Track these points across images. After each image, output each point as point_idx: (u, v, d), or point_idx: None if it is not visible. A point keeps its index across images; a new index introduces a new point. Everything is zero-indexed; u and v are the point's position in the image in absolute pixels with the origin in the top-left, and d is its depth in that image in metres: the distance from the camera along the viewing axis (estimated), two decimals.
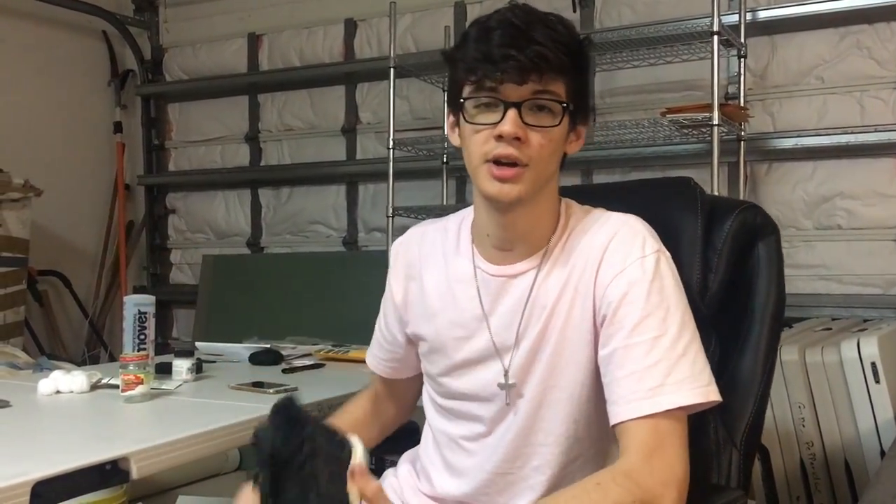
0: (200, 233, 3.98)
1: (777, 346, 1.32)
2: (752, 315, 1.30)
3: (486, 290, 1.15)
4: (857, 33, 2.62)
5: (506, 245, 1.13)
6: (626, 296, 1.04)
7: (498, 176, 1.05)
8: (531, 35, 1.02)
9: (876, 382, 2.00)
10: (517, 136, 1.03)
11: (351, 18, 3.51)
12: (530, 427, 1.12)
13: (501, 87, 1.03)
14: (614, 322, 1.05)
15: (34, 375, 1.86)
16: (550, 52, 1.02)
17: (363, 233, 3.52)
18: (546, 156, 1.06)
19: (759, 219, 1.35)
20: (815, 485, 2.11)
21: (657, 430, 0.98)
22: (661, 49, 2.59)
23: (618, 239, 1.08)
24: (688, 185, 1.39)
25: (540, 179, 1.07)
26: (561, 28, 1.05)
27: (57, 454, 1.13)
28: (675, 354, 1.01)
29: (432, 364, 1.22)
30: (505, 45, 1.02)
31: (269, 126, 3.76)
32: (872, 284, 2.59)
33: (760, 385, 1.27)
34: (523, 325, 1.12)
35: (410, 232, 1.29)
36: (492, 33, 1.04)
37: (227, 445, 1.34)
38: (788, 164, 2.72)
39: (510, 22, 1.04)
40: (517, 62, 1.01)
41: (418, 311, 1.23)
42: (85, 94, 3.90)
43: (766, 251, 1.33)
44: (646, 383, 1.00)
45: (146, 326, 1.53)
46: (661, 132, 2.57)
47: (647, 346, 1.02)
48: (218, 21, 3.87)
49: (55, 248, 3.68)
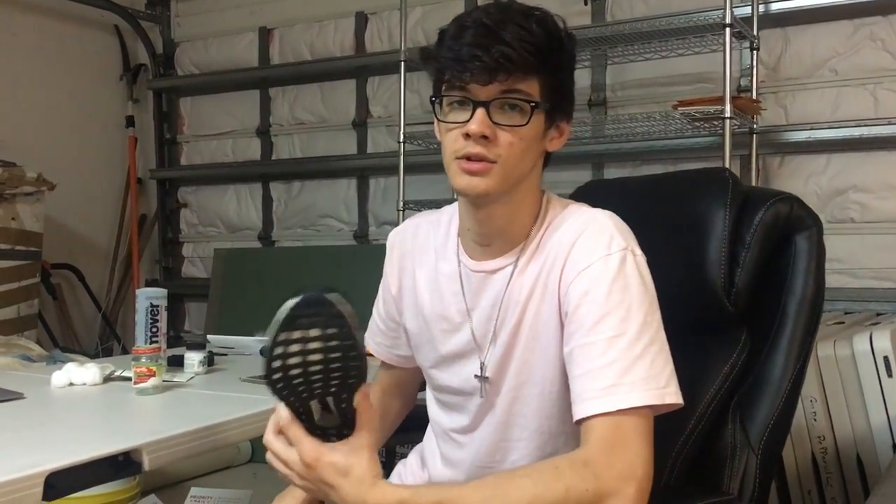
0: (212, 226, 3.99)
1: (812, 346, 1.26)
2: (784, 312, 1.25)
3: (469, 286, 1.17)
4: (870, 25, 2.60)
5: (484, 240, 1.15)
6: (587, 293, 1.04)
7: (466, 169, 1.06)
8: (500, 35, 1.02)
9: (888, 376, 1.99)
10: (484, 135, 1.04)
11: (362, 12, 3.51)
12: (507, 422, 1.14)
13: (469, 86, 1.04)
14: (574, 320, 1.04)
15: (47, 368, 1.88)
16: (515, 53, 1.02)
17: (374, 226, 3.52)
18: (517, 154, 1.06)
19: (796, 210, 1.29)
20: (827, 479, 2.10)
21: (618, 427, 0.98)
22: (673, 42, 2.57)
23: (585, 235, 1.08)
24: (720, 175, 1.35)
25: (510, 177, 1.07)
26: (535, 27, 1.04)
27: (70, 445, 1.13)
28: (633, 355, 1.00)
29: (422, 356, 1.25)
30: (473, 45, 1.03)
31: (281, 120, 3.77)
32: (886, 278, 2.57)
33: (789, 386, 1.22)
34: (499, 320, 1.13)
35: (406, 223, 1.31)
36: (465, 32, 1.04)
37: (238, 438, 1.35)
38: (801, 157, 2.70)
39: (481, 21, 1.04)
40: (482, 63, 1.02)
41: (409, 304, 1.25)
42: (97, 89, 3.92)
43: (806, 244, 1.27)
44: (599, 382, 0.99)
45: (158, 319, 1.54)
46: (672, 125, 2.56)
47: (603, 345, 1.01)
48: (229, 15, 3.87)
49: (68, 242, 3.70)
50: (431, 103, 1.11)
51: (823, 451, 2.10)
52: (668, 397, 1.00)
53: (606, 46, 2.73)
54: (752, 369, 1.26)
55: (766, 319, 1.28)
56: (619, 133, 2.70)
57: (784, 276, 1.27)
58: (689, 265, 1.28)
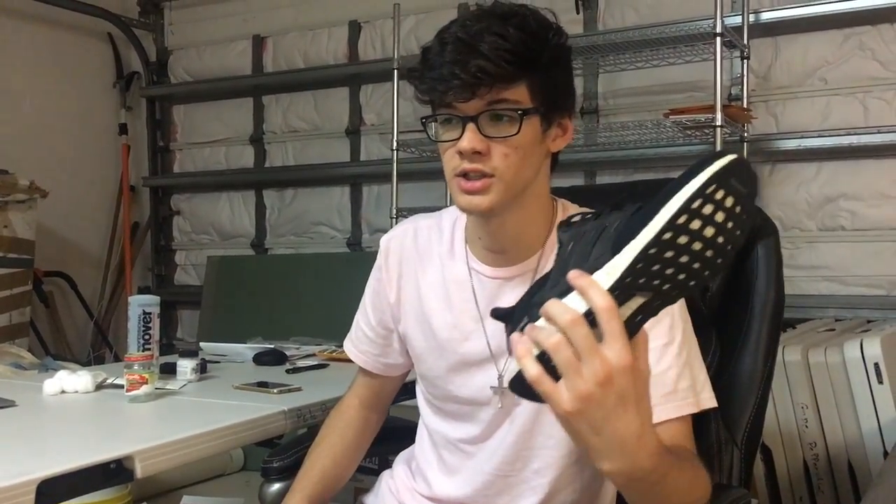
0: (205, 234, 3.99)
1: (777, 347, 1.33)
2: (751, 315, 1.30)
3: (482, 292, 1.14)
4: (860, 34, 2.62)
5: (497, 248, 1.13)
6: None
7: (465, 189, 1.05)
8: (477, 48, 1.00)
9: (879, 383, 2.00)
10: (477, 151, 1.02)
11: (355, 20, 3.52)
12: (530, 431, 1.12)
13: (455, 104, 1.03)
14: None
15: (39, 375, 1.87)
16: (492, 65, 1.00)
17: (367, 234, 3.52)
18: (514, 163, 1.04)
19: (759, 219, 1.35)
20: (818, 485, 2.11)
21: (675, 436, 1.00)
22: (665, 50, 2.59)
23: None
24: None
25: (512, 188, 1.05)
26: (512, 31, 1.01)
27: (62, 453, 1.13)
28: (682, 362, 1.03)
29: (427, 366, 1.21)
30: (452, 62, 1.01)
31: (274, 128, 3.77)
32: (876, 286, 2.59)
33: (761, 385, 1.28)
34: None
35: (401, 228, 1.27)
36: (444, 49, 1.03)
37: (230, 445, 1.35)
38: (792, 165, 2.72)
39: (457, 36, 1.02)
40: (461, 80, 1.00)
41: (411, 311, 1.22)
42: (90, 96, 3.92)
43: (765, 252, 1.33)
44: (658, 390, 0.99)
45: (150, 327, 1.54)
46: (664, 133, 2.57)
47: (657, 353, 1.01)
48: (223, 23, 3.88)
49: (60, 250, 3.69)
50: (423, 124, 1.10)
51: (815, 457, 2.10)
52: (704, 402, 1.05)
53: (598, 55, 2.74)
54: (724, 370, 1.30)
55: (735, 322, 1.33)
56: (611, 141, 2.71)
57: (749, 282, 1.32)
58: None
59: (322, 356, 2.13)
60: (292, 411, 1.45)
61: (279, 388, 1.60)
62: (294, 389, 1.59)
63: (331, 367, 1.99)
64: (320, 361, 2.05)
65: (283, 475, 1.36)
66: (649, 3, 2.91)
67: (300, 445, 1.38)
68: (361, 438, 1.35)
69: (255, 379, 1.69)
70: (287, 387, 1.61)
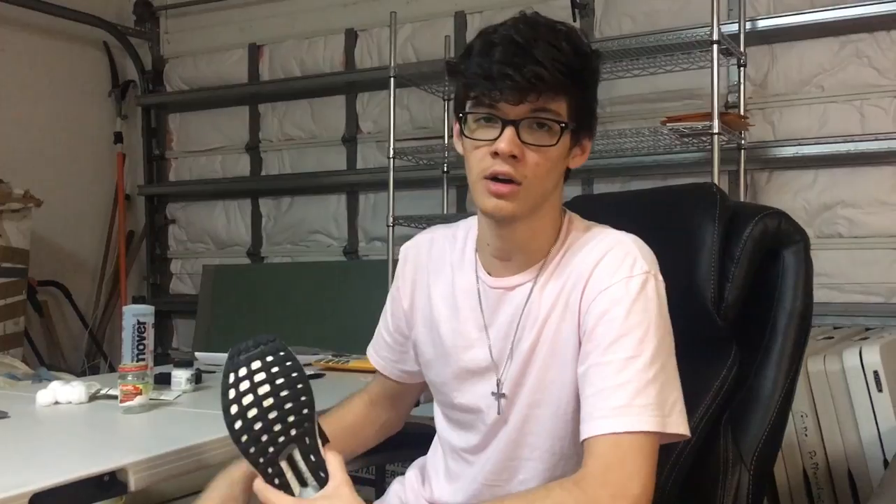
0: (201, 243, 3.97)
1: (801, 359, 1.26)
2: (774, 326, 1.25)
3: (487, 302, 1.15)
4: (856, 42, 2.62)
5: (504, 255, 1.14)
6: (606, 313, 1.04)
7: (494, 192, 1.05)
8: (531, 53, 1.01)
9: (878, 391, 1.99)
10: (513, 155, 1.03)
11: (352, 28, 3.52)
12: (517, 441, 1.13)
13: (499, 104, 1.03)
14: (592, 339, 1.04)
15: (33, 386, 1.85)
16: (548, 73, 1.00)
17: (364, 242, 3.51)
18: (542, 174, 1.05)
19: (784, 225, 1.30)
20: (818, 494, 2.10)
21: (618, 447, 0.98)
22: (661, 58, 2.59)
23: (609, 256, 1.08)
24: (708, 191, 1.35)
25: (535, 197, 1.07)
26: (565, 45, 1.03)
27: (54, 465, 1.12)
28: (646, 378, 1.00)
29: (434, 372, 1.23)
30: (504, 62, 1.01)
31: (270, 136, 3.76)
32: (874, 293, 2.58)
33: (780, 400, 1.22)
34: (517, 337, 1.12)
35: (420, 237, 1.29)
36: (493, 49, 1.03)
37: (226, 457, 1.33)
38: (789, 172, 2.72)
39: (512, 38, 1.02)
40: (514, 82, 1.00)
41: (422, 319, 1.23)
42: (85, 105, 3.91)
43: (794, 259, 1.28)
44: (611, 402, 0.99)
45: (145, 336, 1.52)
46: (661, 141, 2.57)
47: (619, 364, 1.01)
48: (219, 32, 3.87)
49: (55, 259, 3.68)
50: (458, 118, 1.09)
51: (815, 466, 2.09)
52: (671, 426, 1.00)
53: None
54: (742, 384, 1.26)
55: (756, 334, 1.28)
56: (608, 149, 2.71)
57: (773, 291, 1.27)
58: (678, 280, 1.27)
59: (318, 366, 2.12)
60: None
61: None
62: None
63: (327, 376, 1.98)
64: (316, 371, 2.04)
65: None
66: (646, 10, 2.91)
67: None
68: (362, 427, 1.33)
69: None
70: None
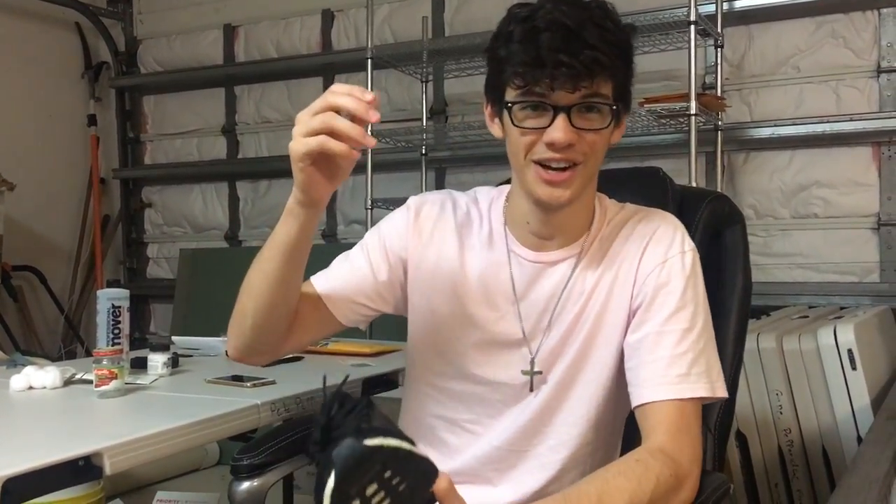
0: (177, 226, 3.94)
1: (745, 334, 1.34)
2: (721, 302, 1.31)
3: (521, 275, 1.14)
4: (832, 22, 2.63)
5: (546, 235, 1.13)
6: (665, 286, 1.09)
7: (548, 180, 1.04)
8: (583, 37, 0.98)
9: (852, 369, 2.01)
10: (571, 143, 1.02)
11: (328, 9, 3.48)
12: (554, 408, 1.13)
13: (551, 92, 1.00)
14: (651, 309, 1.08)
15: (7, 371, 1.83)
16: (605, 57, 0.99)
17: (342, 225, 3.50)
18: (596, 154, 1.06)
19: (727, 207, 1.37)
20: (793, 471, 2.13)
21: (683, 413, 1.03)
22: (639, 39, 2.58)
23: (661, 231, 1.12)
24: (657, 175, 1.40)
25: (589, 177, 1.09)
26: (611, 25, 1.01)
27: (28, 450, 1.11)
28: (699, 348, 1.07)
29: (444, 339, 1.16)
30: (556, 49, 0.97)
31: (247, 118, 3.73)
32: (849, 272, 2.61)
33: (731, 371, 1.29)
34: (558, 310, 1.12)
35: (436, 195, 1.22)
36: (540, 35, 0.98)
37: (203, 440, 1.32)
38: (765, 153, 2.73)
39: (561, 23, 0.98)
40: (571, 68, 0.97)
41: (434, 280, 1.17)
42: (58, 87, 3.85)
43: (732, 239, 1.35)
44: (674, 370, 1.05)
45: (120, 321, 1.51)
46: (639, 122, 2.57)
47: (678, 335, 1.06)
48: (193, 12, 3.83)
49: (29, 243, 3.63)
50: (496, 101, 1.06)
51: (790, 443, 2.12)
52: (719, 391, 1.08)
53: None
54: None
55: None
56: None
57: (717, 270, 1.32)
58: None
59: None
60: (266, 405, 1.42)
61: (253, 382, 1.57)
62: (268, 383, 1.57)
63: (305, 359, 1.97)
64: (294, 354, 2.03)
65: (254, 473, 1.33)
66: None
67: (272, 441, 1.36)
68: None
69: (228, 373, 1.66)
70: (261, 380, 1.58)
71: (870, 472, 1.37)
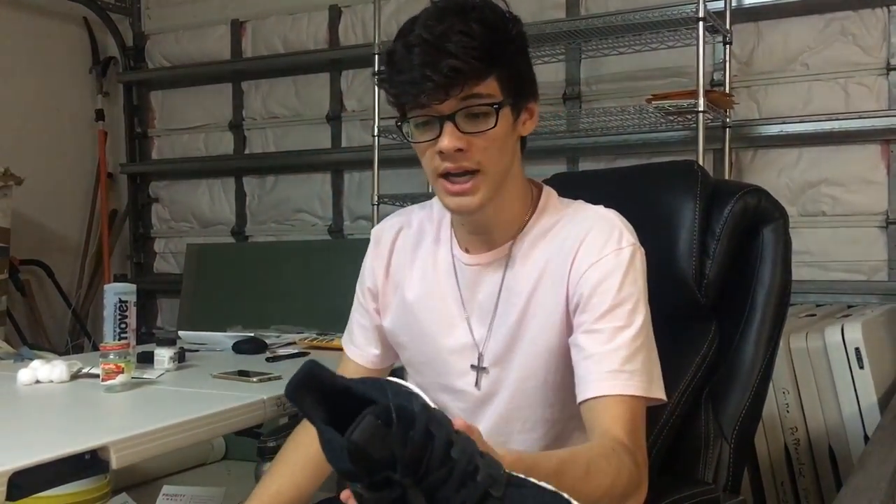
0: (184, 221, 3.95)
1: (780, 335, 1.29)
2: (754, 302, 1.27)
3: (464, 280, 1.17)
4: (842, 20, 2.62)
5: (480, 231, 1.15)
6: (599, 284, 1.07)
7: (453, 191, 1.07)
8: (445, 48, 1.01)
9: (860, 368, 2.01)
10: (459, 149, 1.04)
11: (335, 5, 3.48)
12: (508, 416, 1.14)
13: (430, 104, 1.03)
14: (587, 308, 1.07)
15: (14, 365, 1.84)
16: (464, 64, 1.01)
17: (349, 221, 3.50)
18: (494, 156, 1.07)
19: (764, 202, 1.31)
20: (800, 470, 2.12)
21: (630, 410, 1.02)
22: (647, 35, 2.58)
23: (596, 229, 1.10)
24: (689, 169, 1.36)
25: (496, 178, 1.08)
26: (476, 27, 1.03)
27: (35, 444, 1.11)
28: (635, 346, 1.05)
29: (410, 353, 1.23)
30: (422, 65, 1.01)
31: (254, 114, 3.73)
32: (857, 271, 2.60)
33: (759, 375, 1.25)
34: (498, 313, 1.13)
35: (393, 219, 1.28)
36: (411, 52, 1.03)
37: (209, 434, 1.33)
38: (773, 150, 2.72)
39: (423, 39, 1.02)
40: (433, 82, 1.01)
41: (397, 300, 1.23)
42: (66, 82, 3.85)
43: (773, 236, 1.29)
44: (604, 366, 1.03)
45: (127, 315, 1.51)
46: (646, 119, 2.56)
47: (611, 332, 1.05)
48: (200, 8, 3.83)
49: (37, 238, 3.64)
50: (398, 128, 1.11)
51: (796, 442, 2.11)
52: (655, 391, 1.06)
53: (581, 40, 2.73)
54: (722, 360, 1.27)
55: (736, 311, 1.30)
56: (593, 127, 2.70)
57: (752, 268, 1.29)
58: (659, 257, 1.28)
59: (302, 344, 2.11)
60: (272, 400, 1.43)
61: (259, 377, 1.58)
62: (274, 378, 1.57)
63: (311, 355, 1.97)
64: (301, 350, 2.03)
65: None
66: None
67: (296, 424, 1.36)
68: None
69: (234, 367, 1.67)
70: (267, 375, 1.59)
71: (877, 471, 1.36)
